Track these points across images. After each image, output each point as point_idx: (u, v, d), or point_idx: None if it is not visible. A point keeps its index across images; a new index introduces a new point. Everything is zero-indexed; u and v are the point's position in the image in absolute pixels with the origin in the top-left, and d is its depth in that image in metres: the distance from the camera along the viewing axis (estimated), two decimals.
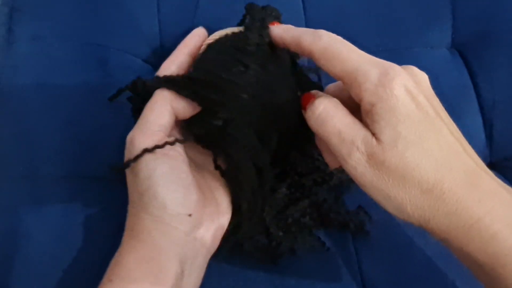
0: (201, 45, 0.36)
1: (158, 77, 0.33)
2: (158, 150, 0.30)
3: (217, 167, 0.34)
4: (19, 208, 0.37)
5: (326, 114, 0.29)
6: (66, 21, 0.45)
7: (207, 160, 0.35)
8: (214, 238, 0.32)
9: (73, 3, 0.46)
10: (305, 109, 0.30)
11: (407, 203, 0.27)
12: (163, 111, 0.31)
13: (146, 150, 0.30)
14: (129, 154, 0.30)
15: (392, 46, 0.48)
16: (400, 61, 0.47)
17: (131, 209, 0.31)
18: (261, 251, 0.36)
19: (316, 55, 0.29)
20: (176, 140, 0.31)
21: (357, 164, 0.27)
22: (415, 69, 0.30)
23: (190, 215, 0.30)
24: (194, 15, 0.45)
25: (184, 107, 0.32)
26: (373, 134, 0.27)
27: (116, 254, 0.30)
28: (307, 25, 0.49)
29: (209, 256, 0.32)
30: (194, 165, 0.34)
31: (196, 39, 0.36)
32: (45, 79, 0.42)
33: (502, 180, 0.43)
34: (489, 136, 0.45)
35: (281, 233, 0.36)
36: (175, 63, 0.35)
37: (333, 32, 0.48)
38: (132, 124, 0.35)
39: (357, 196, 0.39)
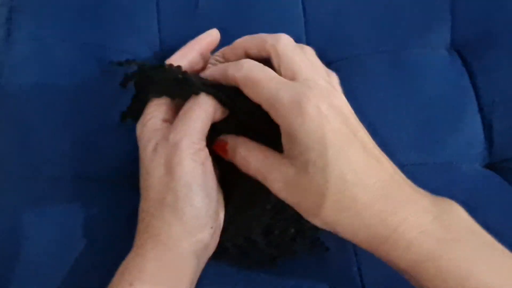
0: (212, 46, 0.36)
1: (201, 80, 0.32)
2: (198, 159, 0.30)
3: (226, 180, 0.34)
4: (20, 208, 0.37)
5: (243, 159, 0.31)
6: (65, 21, 0.45)
7: None
8: (216, 243, 0.33)
9: (72, 3, 0.46)
10: (225, 156, 0.32)
11: (330, 219, 0.28)
12: (207, 120, 0.31)
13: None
14: (171, 155, 0.30)
15: (391, 47, 0.48)
16: (399, 62, 0.47)
17: (156, 212, 0.30)
18: (260, 253, 0.36)
19: (240, 84, 0.30)
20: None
21: (279, 191, 0.29)
22: (334, 82, 0.32)
23: (212, 227, 0.30)
24: (194, 15, 0.45)
25: (219, 116, 0.32)
26: (289, 159, 0.28)
27: (134, 257, 0.29)
28: (306, 26, 0.49)
29: None
30: None
31: (210, 39, 0.36)
32: (45, 80, 0.42)
33: (501, 181, 0.44)
34: (489, 137, 0.45)
35: (264, 242, 0.36)
36: (186, 59, 0.35)
37: (332, 33, 0.49)
38: (132, 124, 0.35)
39: None
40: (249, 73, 0.30)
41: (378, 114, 0.45)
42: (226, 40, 0.37)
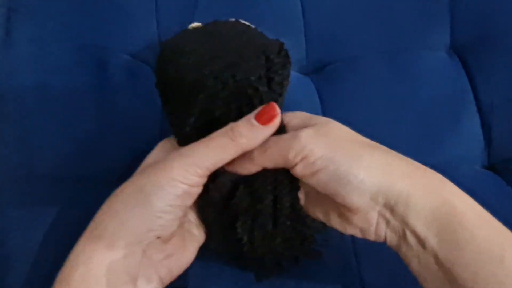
0: None
1: None
2: (187, 188, 0.28)
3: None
4: (17, 208, 0.37)
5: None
6: (64, 23, 0.45)
7: None
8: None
9: (71, 4, 0.46)
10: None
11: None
12: (229, 158, 0.29)
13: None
14: (160, 170, 0.28)
15: (391, 48, 0.48)
16: (398, 63, 0.47)
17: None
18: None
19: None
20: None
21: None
22: None
23: (159, 237, 0.29)
24: (193, 16, 0.45)
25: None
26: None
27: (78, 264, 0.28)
28: (306, 27, 0.49)
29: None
30: None
31: None
32: (44, 81, 0.42)
33: (500, 182, 0.44)
34: (488, 139, 0.45)
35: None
36: None
37: (331, 34, 0.49)
38: (131, 124, 0.35)
39: None
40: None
41: (377, 115, 0.45)
42: None
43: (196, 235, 0.32)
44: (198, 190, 0.29)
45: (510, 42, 0.47)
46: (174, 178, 0.27)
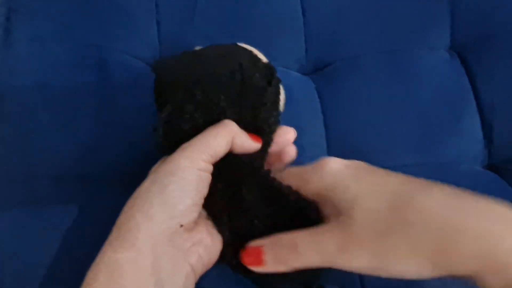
0: None
1: None
2: (196, 172, 0.30)
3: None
4: (17, 208, 0.37)
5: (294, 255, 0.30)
6: (65, 22, 0.45)
7: None
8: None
9: (71, 4, 0.46)
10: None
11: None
12: (224, 143, 0.31)
13: None
14: (168, 163, 0.30)
15: (391, 48, 0.48)
16: (399, 63, 0.47)
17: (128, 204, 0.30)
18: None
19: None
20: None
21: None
22: None
23: (182, 225, 0.29)
24: (193, 16, 0.46)
25: (242, 146, 0.32)
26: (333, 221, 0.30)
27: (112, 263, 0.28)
28: (306, 27, 0.49)
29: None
30: None
31: None
32: (44, 80, 0.42)
33: (501, 182, 0.44)
34: (488, 138, 0.45)
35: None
36: None
37: (332, 33, 0.49)
38: (131, 124, 0.35)
39: None
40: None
41: (377, 115, 0.45)
42: (225, 40, 0.37)
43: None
44: (208, 176, 0.31)
45: (510, 42, 0.47)
46: (184, 165, 0.29)
